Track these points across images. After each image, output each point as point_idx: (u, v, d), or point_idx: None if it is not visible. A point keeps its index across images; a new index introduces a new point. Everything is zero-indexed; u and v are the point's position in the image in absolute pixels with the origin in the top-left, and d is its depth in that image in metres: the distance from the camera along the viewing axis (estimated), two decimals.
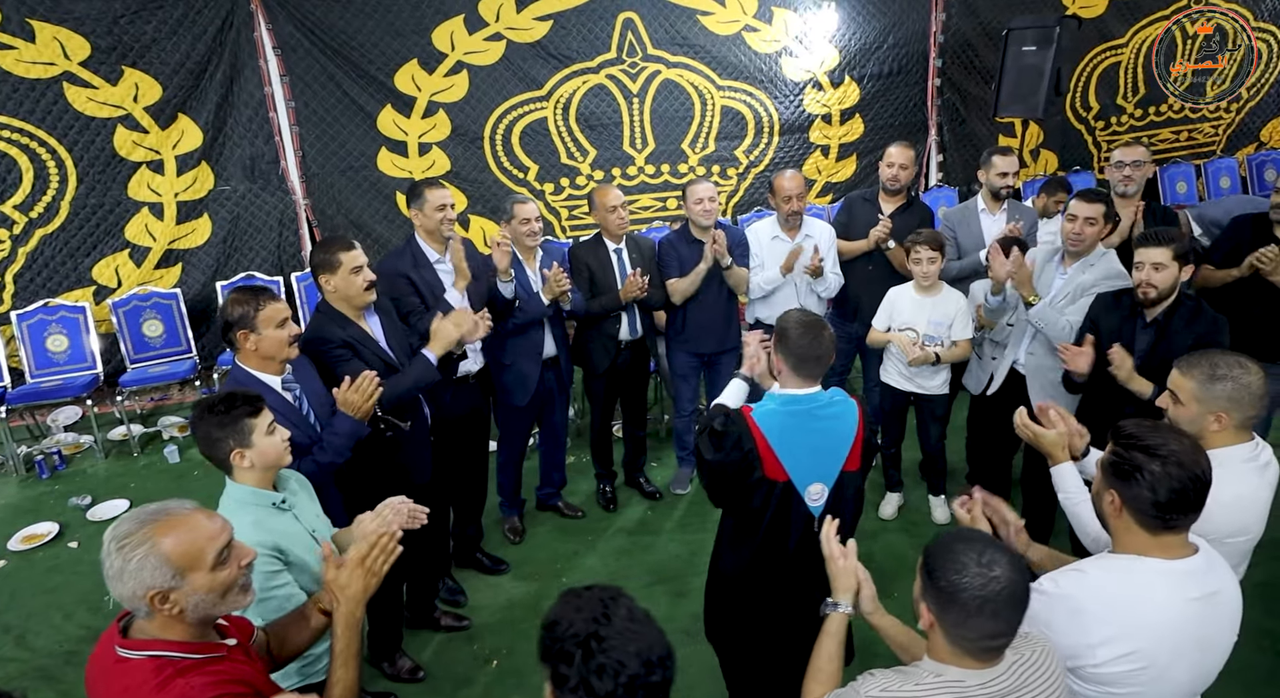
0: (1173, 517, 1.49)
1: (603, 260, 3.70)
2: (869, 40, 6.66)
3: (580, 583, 3.56)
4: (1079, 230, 2.97)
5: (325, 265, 2.57)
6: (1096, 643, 1.48)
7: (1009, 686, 1.38)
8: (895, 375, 3.68)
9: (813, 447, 2.04)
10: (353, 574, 1.58)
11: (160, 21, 5.00)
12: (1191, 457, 1.49)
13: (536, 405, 3.66)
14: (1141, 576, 1.51)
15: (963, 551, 1.37)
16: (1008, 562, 1.36)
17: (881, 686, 1.39)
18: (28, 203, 5.03)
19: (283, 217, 5.59)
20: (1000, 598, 1.32)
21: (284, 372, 2.30)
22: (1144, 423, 1.58)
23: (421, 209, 3.06)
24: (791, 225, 3.80)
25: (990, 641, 1.36)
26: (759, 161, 6.68)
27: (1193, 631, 1.50)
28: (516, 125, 5.95)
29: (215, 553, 1.36)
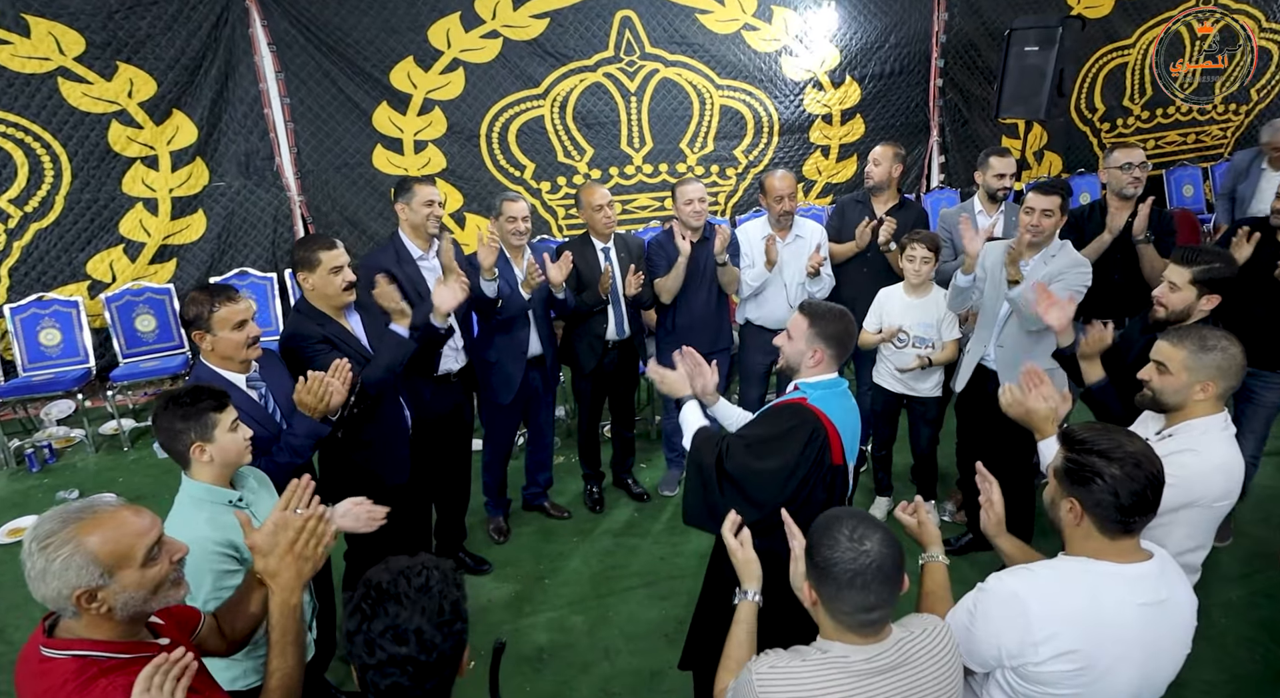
0: (1134, 519, 1.49)
1: (590, 260, 3.66)
2: (870, 40, 6.61)
3: (563, 585, 3.55)
4: (1036, 222, 2.93)
5: (305, 263, 2.55)
6: (1039, 641, 1.48)
7: (893, 660, 1.42)
8: (887, 377, 3.63)
9: (852, 426, 2.08)
10: (282, 561, 1.53)
11: (155, 17, 5.00)
12: (1148, 457, 1.50)
13: (521, 405, 3.63)
14: (1090, 577, 1.51)
15: (837, 527, 1.43)
16: (879, 538, 1.41)
17: (770, 663, 1.45)
18: (22, 197, 5.04)
19: (277, 213, 5.58)
20: (869, 571, 1.38)
21: (249, 370, 2.28)
22: (1094, 427, 1.58)
23: (409, 204, 3.04)
24: (783, 225, 3.76)
25: (864, 614, 1.40)
26: (758, 162, 6.62)
27: (1139, 636, 1.49)
28: (513, 123, 5.93)
29: (145, 550, 1.33)
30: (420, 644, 1.22)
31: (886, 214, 3.88)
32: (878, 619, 1.42)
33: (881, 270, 3.86)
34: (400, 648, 1.21)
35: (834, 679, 1.40)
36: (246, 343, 2.23)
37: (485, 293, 3.16)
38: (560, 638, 3.25)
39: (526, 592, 3.53)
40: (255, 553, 1.56)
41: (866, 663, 1.41)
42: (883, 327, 3.55)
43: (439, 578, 1.28)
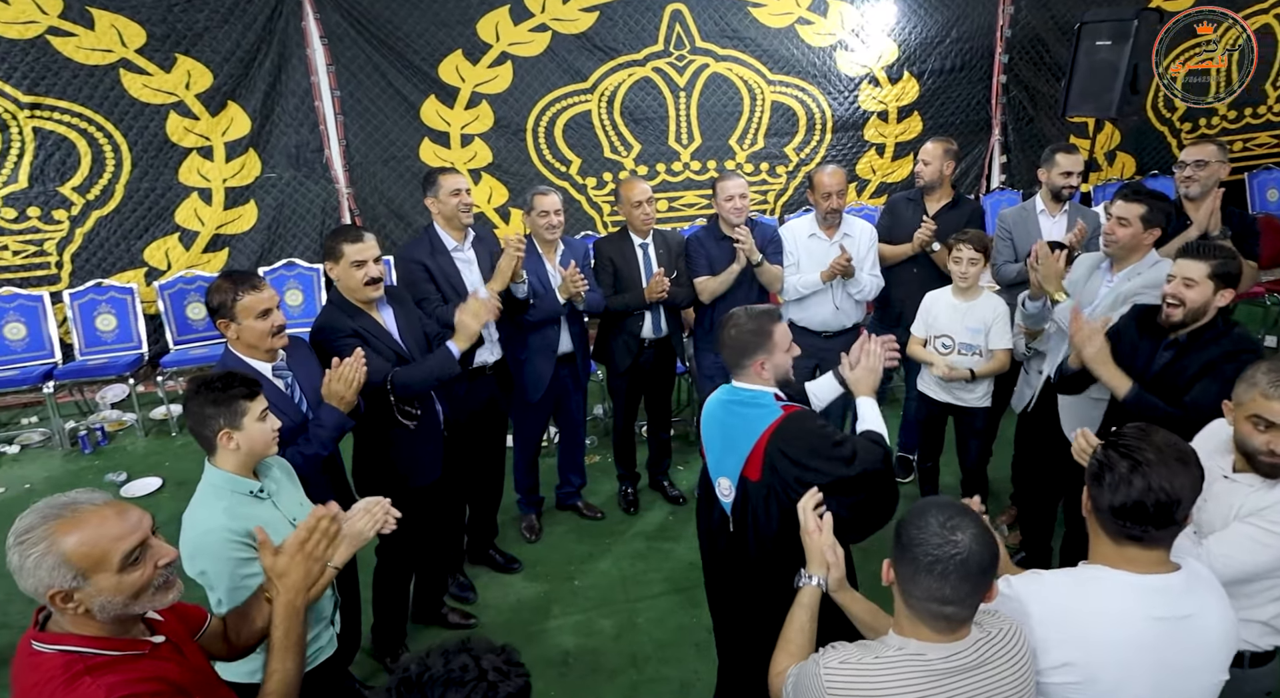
0: (1128, 524, 1.40)
1: (627, 256, 3.58)
2: (930, 34, 6.37)
3: (592, 588, 3.48)
4: (1110, 229, 2.77)
5: (330, 254, 2.53)
6: (1037, 648, 1.41)
7: (971, 661, 1.34)
8: (931, 384, 3.46)
9: (722, 439, 2.07)
10: (291, 561, 1.51)
11: (212, 10, 5.09)
12: (1165, 470, 1.37)
13: (551, 403, 3.57)
14: (1099, 586, 1.43)
15: (934, 512, 1.36)
16: (974, 534, 1.33)
17: (841, 658, 1.38)
18: (85, 185, 5.18)
19: (325, 204, 5.64)
20: (951, 562, 1.31)
21: (275, 359, 2.25)
22: (1146, 427, 1.48)
23: (436, 196, 3.00)
24: (830, 224, 3.61)
25: (937, 605, 1.33)
26: (810, 159, 6.45)
27: (1152, 652, 1.39)
28: (560, 118, 5.88)
29: (122, 554, 1.27)
30: None
31: (939, 213, 3.71)
32: (952, 615, 1.34)
33: (933, 272, 3.69)
34: None
35: (908, 679, 1.33)
36: (270, 331, 2.21)
37: (515, 295, 3.10)
38: (587, 642, 3.17)
39: (555, 592, 3.47)
40: (264, 551, 1.53)
41: (944, 662, 1.33)
42: (929, 332, 3.38)
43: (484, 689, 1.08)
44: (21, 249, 5.16)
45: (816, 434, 1.94)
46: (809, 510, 1.76)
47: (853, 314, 3.68)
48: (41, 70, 4.92)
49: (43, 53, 4.90)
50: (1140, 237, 2.73)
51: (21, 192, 5.06)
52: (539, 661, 3.08)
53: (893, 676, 1.33)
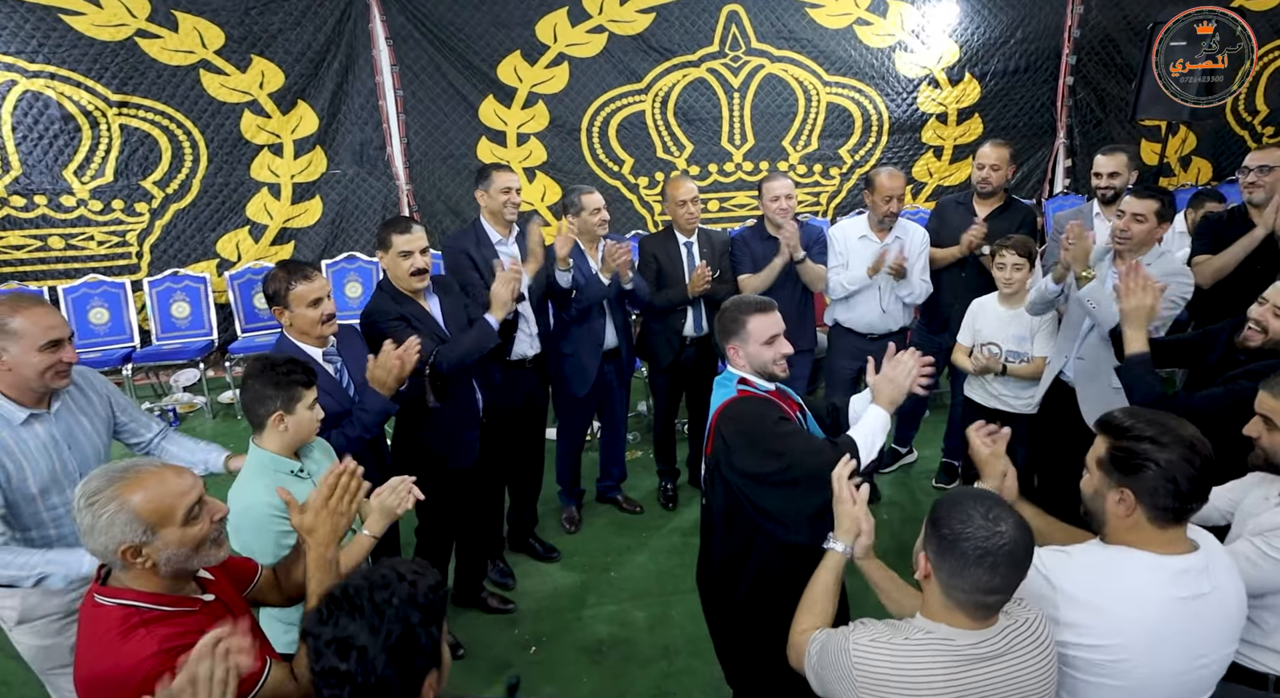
0: (1191, 506, 1.43)
1: (672, 254, 3.63)
2: (994, 35, 6.24)
3: (628, 579, 3.53)
4: (1125, 226, 2.73)
5: (381, 243, 2.65)
6: (1064, 624, 1.44)
7: (998, 648, 1.37)
8: (979, 391, 3.41)
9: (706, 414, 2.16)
10: (318, 517, 1.60)
11: (286, 13, 5.33)
12: (1200, 440, 1.44)
13: (596, 397, 3.64)
14: (1127, 566, 1.45)
15: (972, 504, 1.38)
16: (1015, 523, 1.36)
17: (871, 636, 1.42)
18: (165, 179, 5.49)
19: (386, 200, 5.84)
20: (1001, 552, 1.33)
21: (326, 344, 2.37)
22: (1133, 412, 1.53)
23: (487, 190, 3.10)
24: (885, 227, 3.58)
25: (983, 596, 1.36)
26: (865, 161, 6.39)
27: (1177, 631, 1.43)
28: (614, 118, 5.96)
29: (186, 509, 1.39)
30: (361, 665, 1.14)
31: (989, 217, 3.65)
32: (994, 603, 1.38)
33: (983, 277, 3.63)
34: (340, 663, 1.14)
35: (936, 661, 1.36)
36: (321, 319, 2.32)
37: (560, 283, 3.18)
38: (620, 632, 3.23)
39: (592, 582, 3.54)
40: (292, 510, 1.64)
41: (972, 648, 1.37)
42: (975, 340, 3.33)
43: (401, 599, 1.17)
44: (106, 239, 5.50)
45: (758, 421, 1.96)
46: (843, 480, 1.77)
47: (899, 318, 3.65)
48: (129, 70, 5.23)
49: (131, 54, 5.21)
50: (1155, 231, 2.71)
51: (107, 185, 5.39)
52: (573, 647, 3.16)
53: (921, 658, 1.37)
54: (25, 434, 1.98)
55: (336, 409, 2.32)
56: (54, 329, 1.95)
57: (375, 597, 1.16)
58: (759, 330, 2.05)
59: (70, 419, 2.10)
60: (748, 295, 2.14)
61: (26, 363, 1.92)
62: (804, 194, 6.39)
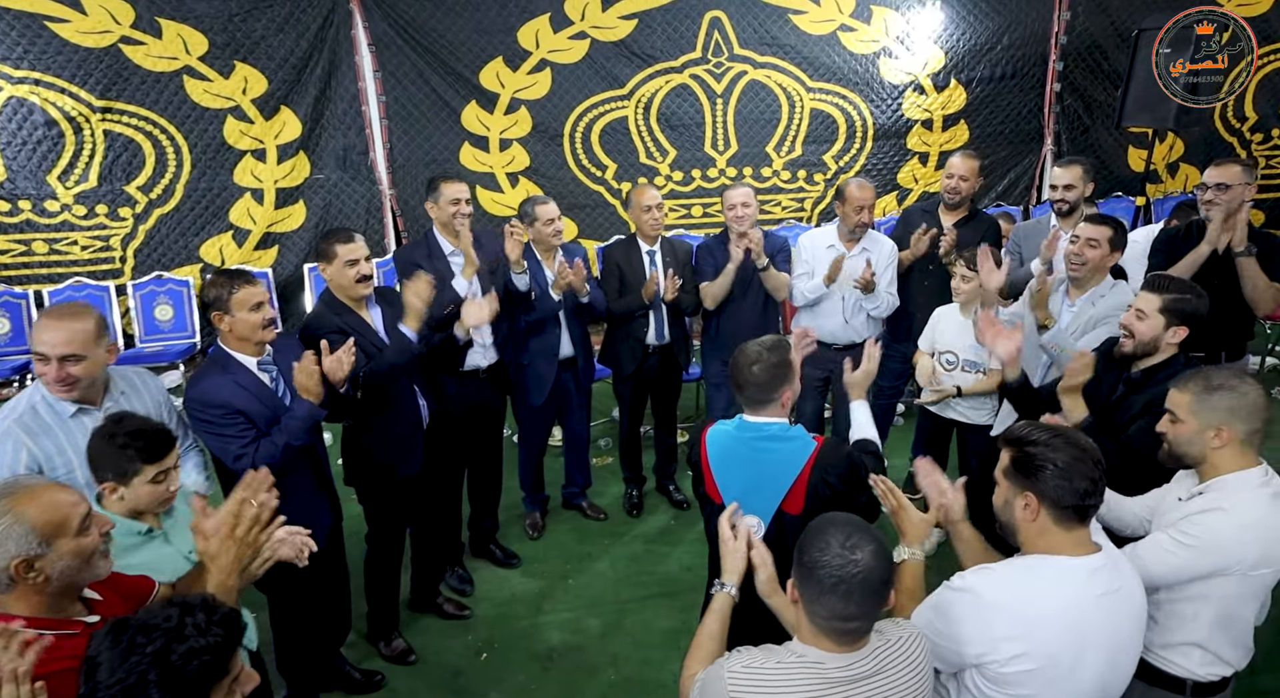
0: (1090, 503, 1.49)
1: (634, 262, 3.63)
2: (980, 41, 6.23)
3: (586, 587, 3.53)
4: (1079, 250, 2.72)
5: (323, 255, 2.67)
6: (999, 638, 1.47)
7: (868, 669, 1.40)
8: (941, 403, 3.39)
9: (749, 477, 1.94)
10: (223, 545, 1.57)
11: (269, 19, 5.37)
12: (1090, 445, 1.52)
13: (554, 405, 3.64)
14: (1045, 572, 1.50)
15: (832, 532, 1.40)
16: (872, 551, 1.37)
17: (744, 662, 1.44)
18: (149, 184, 5.53)
19: (369, 205, 5.87)
20: (855, 581, 1.34)
21: (263, 353, 2.39)
22: (1032, 423, 1.60)
23: (436, 202, 3.12)
24: (854, 237, 3.58)
25: (841, 622, 1.37)
26: (849, 168, 6.38)
27: (1102, 628, 1.48)
28: (597, 123, 5.97)
29: (80, 518, 1.41)
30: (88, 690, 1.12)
31: (955, 226, 3.63)
32: (855, 629, 1.39)
33: (947, 286, 3.61)
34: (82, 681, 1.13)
35: (806, 684, 1.38)
36: (262, 324, 2.33)
37: (518, 286, 3.19)
38: (572, 639, 3.24)
39: (549, 589, 3.55)
40: (198, 536, 1.60)
41: (841, 671, 1.39)
42: (935, 349, 3.32)
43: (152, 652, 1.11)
44: (90, 244, 5.55)
45: (850, 460, 1.94)
46: (725, 521, 1.78)
47: (863, 329, 3.64)
48: (113, 76, 5.28)
49: (115, 60, 5.26)
50: (1107, 258, 2.70)
51: (91, 190, 5.44)
52: (524, 654, 3.16)
53: (791, 681, 1.39)
54: (74, 427, 2.07)
55: (270, 418, 2.33)
56: (42, 345, 2.03)
57: (136, 636, 1.12)
58: (796, 362, 2.00)
59: None
60: (764, 340, 1.95)
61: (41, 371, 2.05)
62: (788, 200, 6.39)
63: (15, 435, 2.04)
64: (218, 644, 1.15)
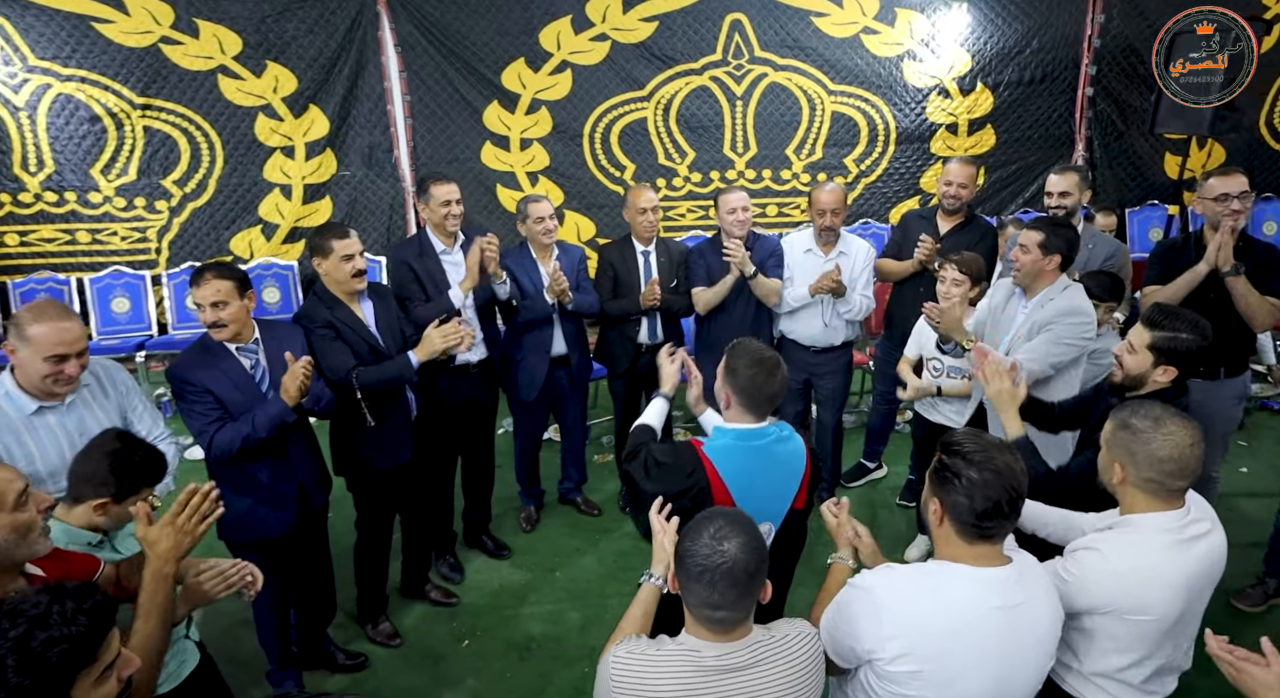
0: (987, 525, 1.48)
1: (629, 262, 3.68)
2: (1009, 44, 6.10)
3: (571, 580, 3.60)
4: (1015, 256, 2.71)
5: (319, 250, 2.77)
6: (885, 637, 1.49)
7: (744, 660, 1.44)
8: (927, 407, 3.38)
9: (767, 485, 1.94)
10: (162, 531, 1.62)
11: (300, 20, 5.56)
12: (1011, 470, 1.48)
13: (548, 402, 3.71)
14: (941, 578, 1.51)
15: (707, 522, 1.46)
16: (740, 543, 1.41)
17: (628, 648, 1.50)
18: (183, 179, 5.78)
19: (393, 202, 6.03)
20: (718, 571, 1.39)
21: (248, 339, 2.50)
22: (973, 433, 1.58)
23: (428, 204, 3.21)
24: (826, 241, 3.60)
25: (710, 611, 1.42)
26: (870, 171, 6.32)
27: (992, 640, 1.48)
28: (616, 124, 6.03)
29: (15, 494, 1.46)
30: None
31: (951, 232, 3.61)
32: (723, 619, 1.43)
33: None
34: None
35: (680, 672, 1.43)
36: (207, 324, 2.43)
37: (497, 295, 3.27)
38: (552, 630, 3.30)
39: (536, 581, 3.62)
40: (138, 522, 1.65)
41: (715, 660, 1.43)
42: (923, 354, 3.30)
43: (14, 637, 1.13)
44: (129, 235, 5.82)
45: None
46: (655, 514, 1.81)
47: (842, 332, 3.65)
48: (153, 75, 5.52)
49: (155, 59, 5.50)
50: (1040, 263, 2.66)
51: (131, 183, 5.71)
52: (504, 643, 3.24)
53: (666, 669, 1.44)
54: (36, 423, 2.13)
55: (243, 404, 2.44)
56: (61, 345, 2.07)
57: (2, 621, 1.15)
58: None
59: (84, 411, 2.23)
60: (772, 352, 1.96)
61: (32, 367, 2.08)
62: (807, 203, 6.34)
63: None
64: (81, 634, 1.17)
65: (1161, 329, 2.09)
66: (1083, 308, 2.64)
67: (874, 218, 6.36)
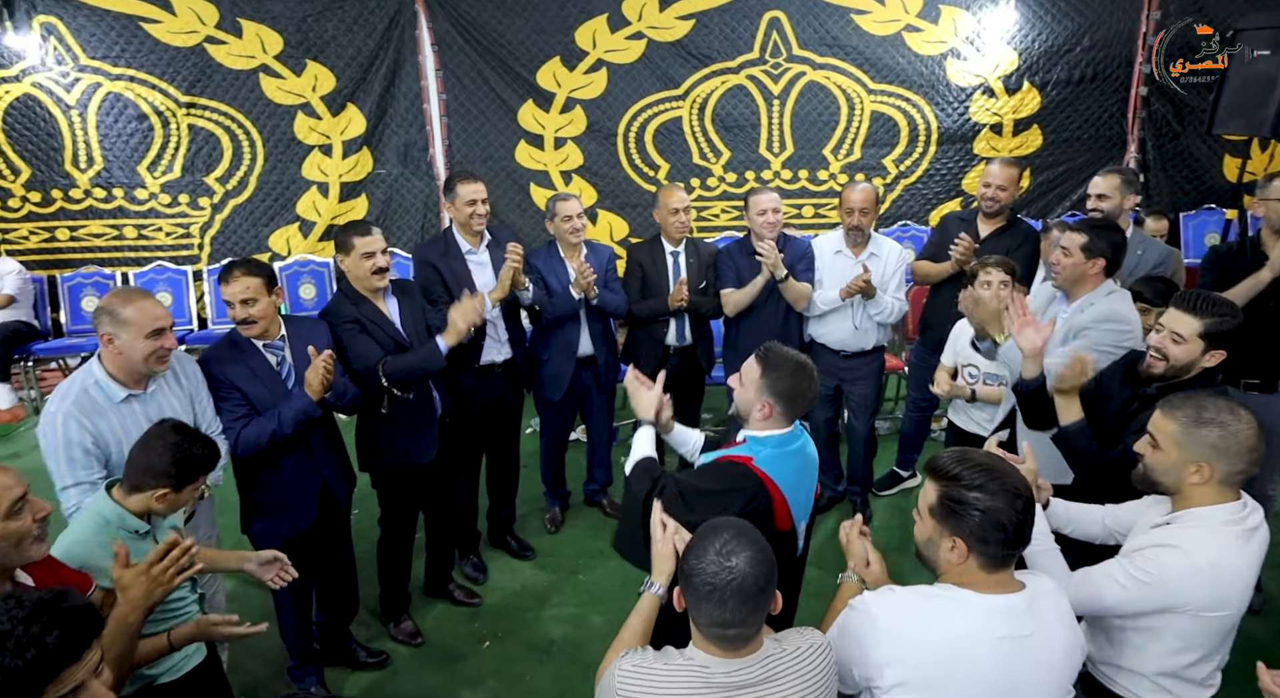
0: (1014, 551, 1.42)
1: (658, 263, 3.63)
2: (1058, 42, 5.91)
3: (594, 583, 3.56)
4: (1056, 259, 2.60)
5: (341, 247, 2.77)
6: (882, 663, 1.42)
7: (757, 676, 1.38)
8: (961, 415, 3.27)
9: (805, 486, 1.96)
10: (136, 578, 1.57)
11: (340, 19, 5.63)
12: (1016, 477, 1.43)
13: (574, 402, 3.68)
14: (946, 604, 1.43)
15: (712, 537, 1.39)
16: (748, 557, 1.36)
17: (635, 661, 1.45)
18: (225, 176, 5.89)
19: (427, 200, 6.07)
20: (729, 588, 1.34)
21: (275, 336, 2.51)
22: (959, 457, 1.47)
23: (453, 203, 3.20)
24: (856, 242, 3.50)
25: (720, 629, 1.36)
26: (910, 172, 6.17)
27: (996, 673, 1.40)
28: (651, 123, 5.99)
29: (10, 503, 1.44)
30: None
31: (991, 236, 3.49)
32: (735, 636, 1.38)
33: None
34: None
35: (690, 688, 1.38)
36: (236, 320, 2.46)
37: (520, 301, 3.25)
38: (574, 634, 3.27)
39: (559, 583, 3.59)
40: (116, 562, 1.60)
41: (726, 676, 1.38)
42: (956, 362, 3.19)
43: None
44: (173, 231, 5.95)
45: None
46: (656, 522, 1.75)
47: (873, 336, 3.55)
48: (198, 74, 5.64)
49: (200, 58, 5.62)
50: (1083, 266, 2.53)
51: (175, 180, 5.83)
52: (525, 645, 3.22)
53: (675, 683, 1.39)
54: (124, 410, 2.19)
55: (269, 400, 2.45)
56: (158, 320, 2.16)
57: None
58: None
59: (162, 399, 2.29)
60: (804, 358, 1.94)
61: (134, 348, 2.13)
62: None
63: (75, 417, 2.12)
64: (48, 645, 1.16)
65: (1208, 314, 2.03)
66: (1123, 314, 2.50)
67: (913, 220, 6.21)
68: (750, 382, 1.92)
